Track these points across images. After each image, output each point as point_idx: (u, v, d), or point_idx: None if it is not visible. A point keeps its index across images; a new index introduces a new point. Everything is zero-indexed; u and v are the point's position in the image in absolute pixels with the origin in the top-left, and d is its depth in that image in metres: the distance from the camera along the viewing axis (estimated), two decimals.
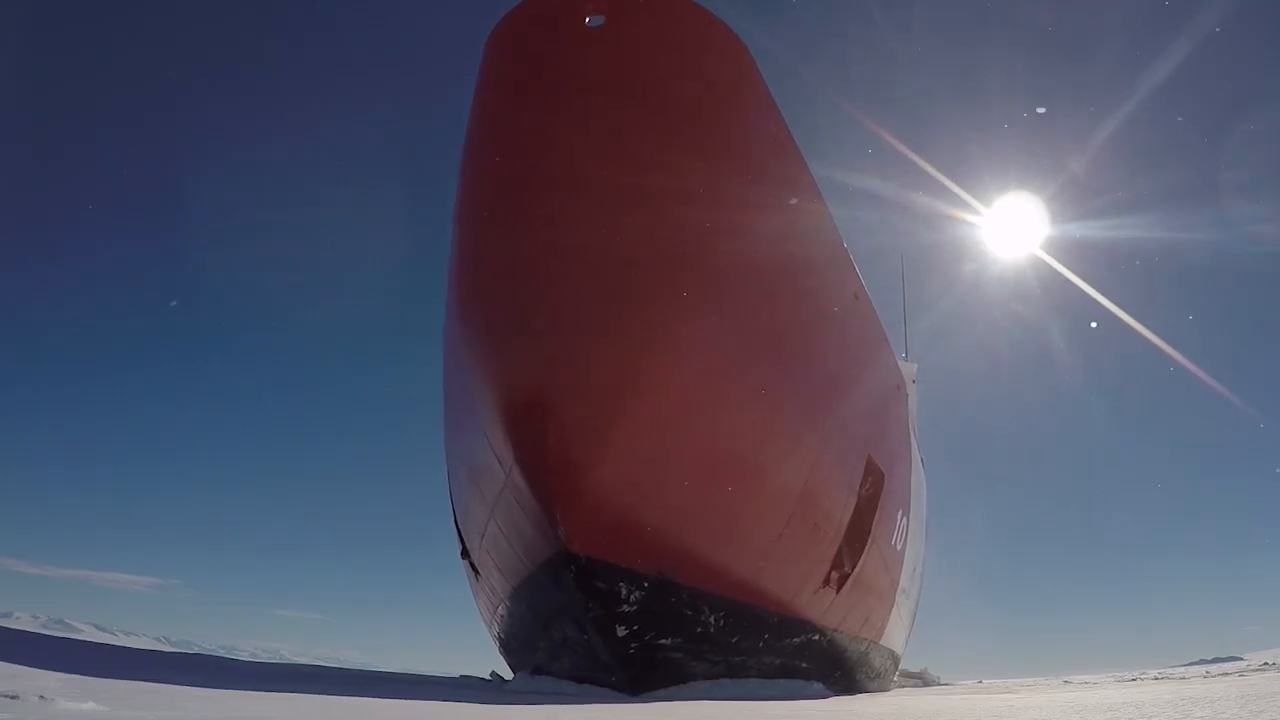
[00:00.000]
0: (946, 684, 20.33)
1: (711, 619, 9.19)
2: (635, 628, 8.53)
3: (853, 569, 11.61)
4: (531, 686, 9.89)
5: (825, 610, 11.32)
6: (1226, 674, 11.11)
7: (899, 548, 15.11)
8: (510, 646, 13.11)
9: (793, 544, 9.98)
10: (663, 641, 8.77)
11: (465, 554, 13.37)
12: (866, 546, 12.02)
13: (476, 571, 12.97)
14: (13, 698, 3.04)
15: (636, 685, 8.54)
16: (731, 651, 9.51)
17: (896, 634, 17.70)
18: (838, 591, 11.33)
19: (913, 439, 17.39)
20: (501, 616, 12.59)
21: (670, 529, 8.58)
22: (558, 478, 7.95)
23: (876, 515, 12.32)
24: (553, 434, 7.90)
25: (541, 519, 8.16)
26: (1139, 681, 10.63)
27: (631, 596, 8.42)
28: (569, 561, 8.11)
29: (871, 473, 12.13)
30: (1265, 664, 17.04)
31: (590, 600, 8.32)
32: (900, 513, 14.74)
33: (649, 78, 8.22)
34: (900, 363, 16.68)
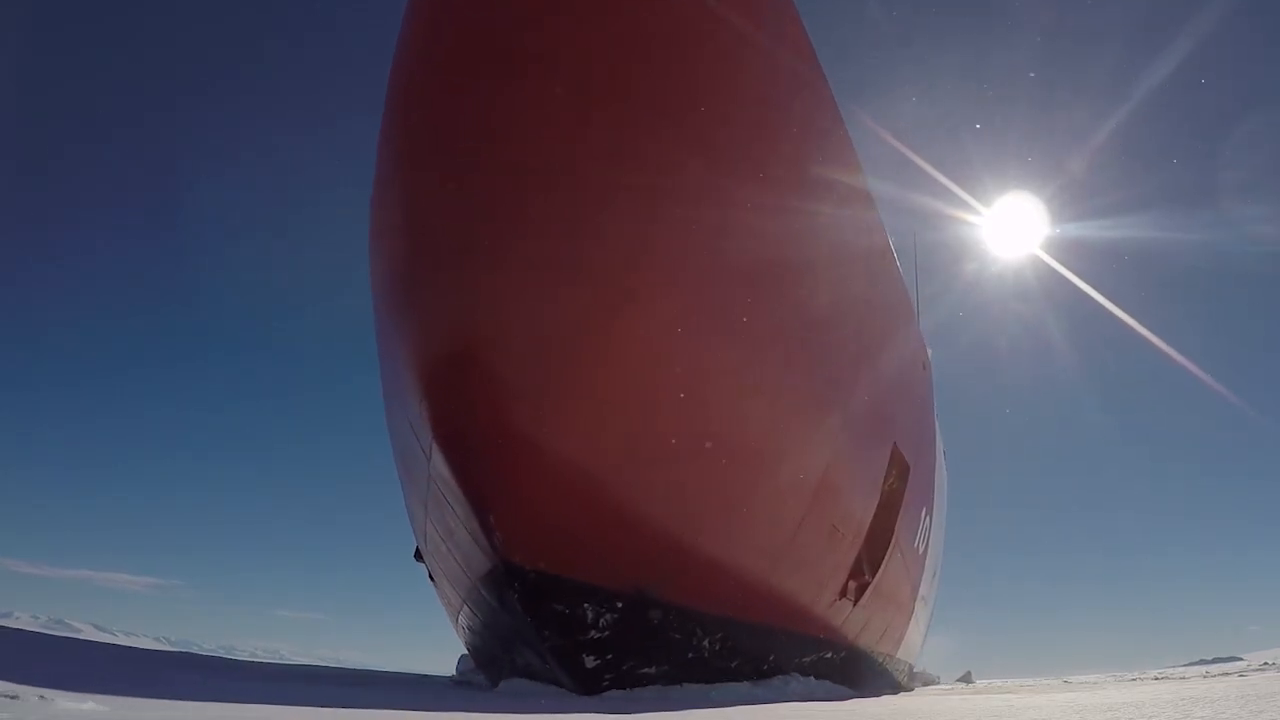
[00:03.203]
0: (945, 685, 20.32)
1: (706, 642, 7.60)
2: (608, 657, 6.83)
3: (873, 577, 10.31)
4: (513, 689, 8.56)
5: (840, 624, 10.14)
6: (1227, 674, 11.10)
7: (921, 550, 13.76)
8: (479, 660, 11.27)
9: (806, 550, 8.49)
10: (645, 670, 7.20)
11: (419, 555, 11.09)
12: (889, 551, 10.70)
13: (432, 577, 11.01)
14: (13, 698, 3.04)
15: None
16: (730, 676, 8.04)
17: (913, 643, 16.51)
18: (855, 603, 10.09)
19: (936, 426, 15.73)
20: (463, 628, 10.65)
21: (650, 533, 6.75)
22: (489, 462, 5.92)
23: (900, 514, 10.96)
24: (482, 400, 5.78)
25: (471, 520, 6.24)
26: (1139, 681, 10.62)
27: (601, 620, 6.64)
28: (511, 577, 6.27)
29: (896, 464, 10.67)
30: (1265, 664, 17.03)
31: (545, 627, 6.54)
32: (924, 510, 13.26)
33: None
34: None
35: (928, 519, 13.71)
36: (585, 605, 6.61)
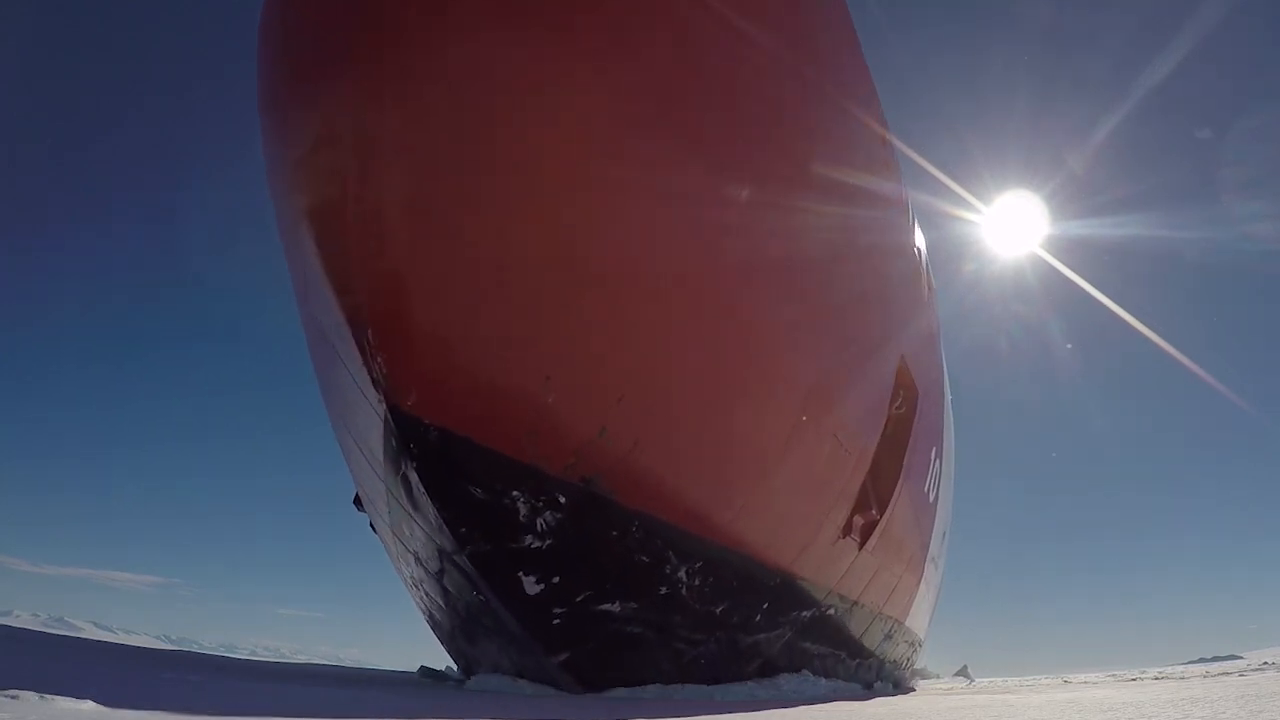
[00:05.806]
0: (944, 681, 20.33)
1: (683, 572, 5.95)
2: (555, 580, 5.04)
3: (881, 515, 8.72)
4: (483, 685, 7.55)
5: (844, 573, 8.46)
6: (1226, 673, 11.11)
7: (931, 499, 11.91)
8: (440, 639, 9.00)
9: (804, 462, 6.85)
10: (606, 607, 5.50)
11: (358, 502, 8.56)
12: (898, 486, 9.12)
13: (374, 527, 8.40)
14: (13, 697, 3.05)
15: (584, 679, 5.70)
16: (716, 626, 6.54)
17: (921, 614, 14.42)
18: (861, 546, 8.51)
19: (944, 364, 13.84)
20: (409, 583, 8.32)
21: (600, 399, 4.84)
22: (364, 249, 4.05)
23: (909, 446, 9.33)
24: (354, 166, 3.98)
25: (352, 353, 4.34)
26: (1139, 681, 10.63)
27: (539, 521, 4.80)
28: (409, 436, 4.32)
29: (904, 384, 9.11)
30: (1265, 663, 17.04)
31: (460, 520, 4.67)
32: (934, 451, 11.57)
33: None
34: None
35: (937, 463, 11.98)
36: (515, 493, 4.72)
